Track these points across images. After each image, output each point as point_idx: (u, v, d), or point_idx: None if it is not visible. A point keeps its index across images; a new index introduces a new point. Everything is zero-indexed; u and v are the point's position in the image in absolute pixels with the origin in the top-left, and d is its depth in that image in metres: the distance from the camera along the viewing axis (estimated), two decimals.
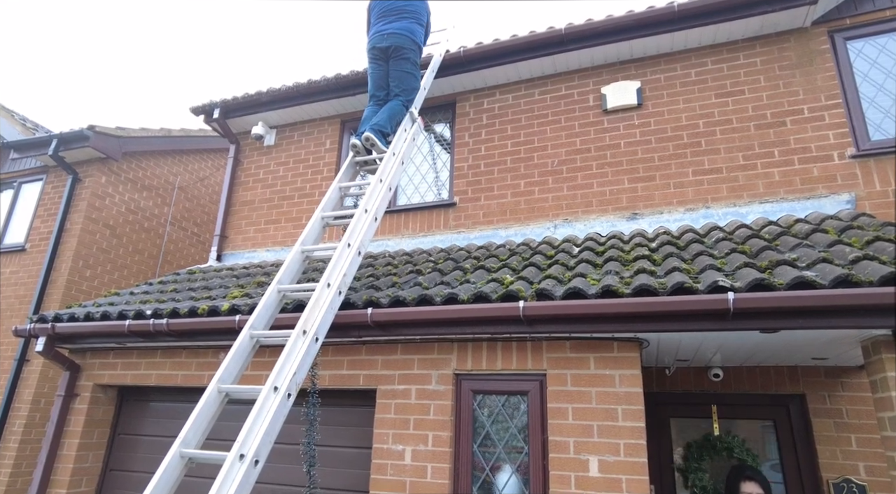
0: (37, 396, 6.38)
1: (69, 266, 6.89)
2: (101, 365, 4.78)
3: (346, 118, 6.40)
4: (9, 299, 7.09)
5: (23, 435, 6.21)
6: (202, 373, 4.33)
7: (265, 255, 6.19)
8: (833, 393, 4.09)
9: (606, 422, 3.17)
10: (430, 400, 3.59)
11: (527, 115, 5.55)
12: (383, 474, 3.53)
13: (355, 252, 3.42)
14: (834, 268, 2.79)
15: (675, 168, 4.84)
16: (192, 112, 6.68)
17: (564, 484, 3.13)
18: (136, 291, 5.32)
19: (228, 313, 3.98)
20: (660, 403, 4.53)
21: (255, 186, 6.59)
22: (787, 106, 4.64)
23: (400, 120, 4.53)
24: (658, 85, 5.15)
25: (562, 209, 5.09)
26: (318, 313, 2.96)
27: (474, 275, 3.89)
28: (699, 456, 4.30)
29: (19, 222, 7.67)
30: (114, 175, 7.58)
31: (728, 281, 2.93)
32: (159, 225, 8.29)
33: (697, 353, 3.91)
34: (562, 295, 3.18)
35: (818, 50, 4.67)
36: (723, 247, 3.63)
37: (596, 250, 4.09)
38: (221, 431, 3.04)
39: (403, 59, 4.64)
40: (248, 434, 2.37)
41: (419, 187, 5.87)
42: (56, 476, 4.50)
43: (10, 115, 8.03)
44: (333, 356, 3.94)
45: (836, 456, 3.94)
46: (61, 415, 4.64)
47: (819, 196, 4.33)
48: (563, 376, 3.35)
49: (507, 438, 3.45)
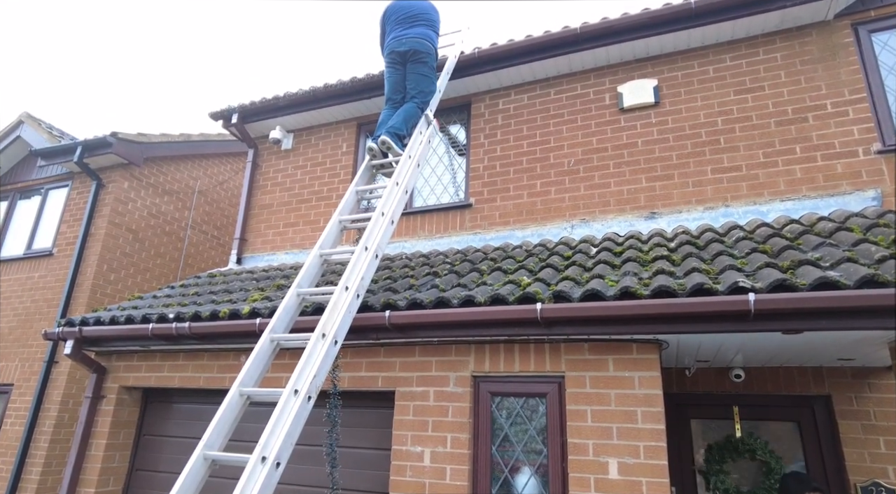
0: (65, 397, 6.54)
1: (94, 270, 7.06)
2: (126, 368, 4.89)
3: (363, 121, 6.45)
4: (38, 303, 7.28)
5: (52, 435, 6.38)
6: (224, 376, 4.40)
7: (284, 258, 6.26)
8: (860, 395, 4.01)
9: (626, 424, 3.14)
10: (449, 402, 3.60)
11: (542, 115, 5.52)
12: (402, 475, 3.55)
13: (372, 255, 3.44)
14: (859, 268, 2.73)
15: (694, 166, 4.78)
16: (211, 117, 6.79)
17: (584, 487, 3.11)
18: (159, 295, 5.42)
19: (249, 316, 4.04)
20: (680, 404, 4.48)
21: (273, 190, 6.67)
22: (808, 101, 4.55)
23: (415, 122, 4.56)
24: (675, 82, 5.09)
25: (578, 209, 5.07)
26: (336, 316, 2.99)
27: (491, 277, 3.89)
28: (721, 458, 4.25)
29: (47, 227, 7.86)
30: (136, 180, 7.74)
31: (749, 281, 2.89)
32: (180, 228, 8.44)
33: (718, 354, 3.86)
34: (579, 297, 3.17)
35: (841, 43, 4.57)
36: (743, 246, 3.58)
37: (614, 250, 4.06)
38: (243, 432, 3.09)
39: (421, 63, 4.73)
40: (269, 437, 2.40)
41: (435, 189, 5.89)
42: (85, 475, 4.62)
43: (38, 124, 8.23)
44: (352, 358, 3.97)
45: (863, 459, 3.86)
46: (89, 416, 4.76)
47: (843, 193, 4.24)
48: (582, 378, 3.34)
49: (526, 440, 3.45)
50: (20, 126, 8.25)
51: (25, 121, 8.25)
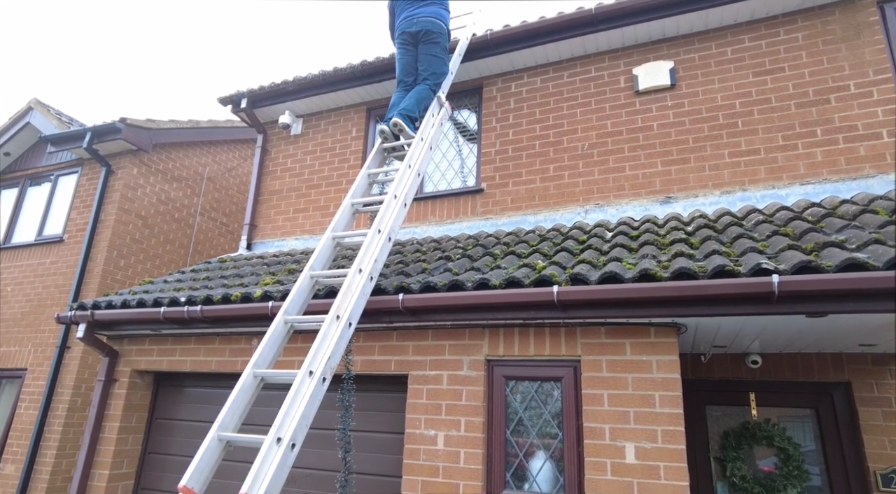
0: (78, 382, 6.59)
1: (104, 256, 7.07)
2: (138, 352, 4.90)
3: (372, 106, 6.38)
4: (49, 289, 7.31)
5: (66, 419, 6.43)
6: (235, 359, 4.39)
7: (294, 244, 6.24)
8: (881, 381, 3.93)
9: (643, 409, 3.10)
10: (462, 386, 3.57)
11: (555, 98, 5.43)
12: (416, 459, 3.53)
13: (385, 238, 3.40)
14: (888, 250, 2.66)
15: (711, 150, 4.69)
16: (220, 102, 6.74)
17: (600, 471, 3.08)
18: (170, 279, 5.42)
19: (261, 299, 4.02)
20: (695, 390, 4.42)
21: (282, 175, 6.63)
22: (831, 82, 4.43)
23: (427, 104, 4.49)
24: (692, 64, 4.98)
25: (593, 193, 4.99)
26: (350, 298, 2.96)
27: (505, 261, 3.84)
28: (737, 445, 4.20)
29: (57, 214, 7.88)
30: (145, 166, 7.72)
31: (772, 263, 2.82)
32: (189, 215, 8.43)
33: (736, 339, 3.80)
34: (597, 279, 3.11)
35: (866, 22, 4.43)
36: (763, 229, 3.50)
37: (630, 234, 4.00)
38: (255, 416, 3.07)
39: (433, 44, 4.63)
40: (284, 418, 2.38)
41: (446, 174, 5.82)
42: (99, 457, 4.65)
43: (47, 110, 8.22)
44: (365, 342, 3.95)
45: (884, 446, 3.80)
46: (102, 400, 4.77)
47: (866, 176, 4.13)
48: (599, 362, 3.29)
49: (541, 424, 3.41)
50: (29, 112, 8.25)
51: (35, 108, 8.24)
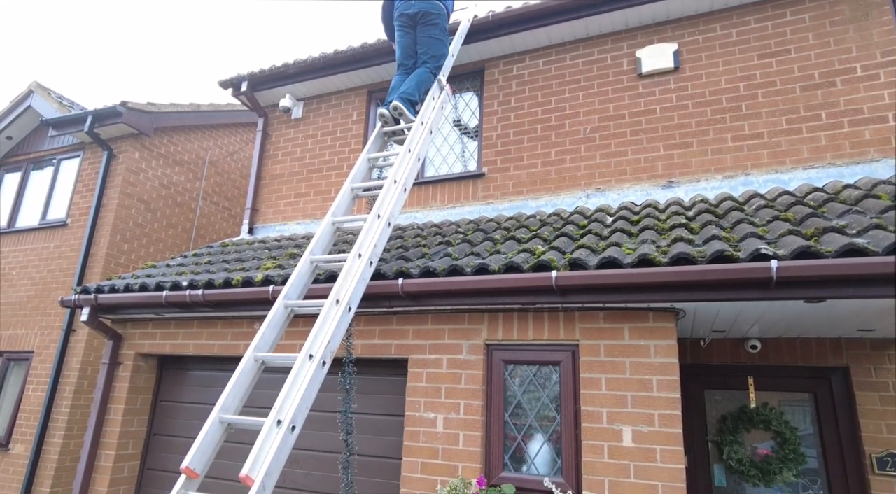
0: (83, 364, 6.67)
1: (108, 240, 7.10)
2: (142, 335, 4.95)
3: (373, 89, 6.33)
4: (54, 272, 7.37)
5: (73, 400, 6.53)
6: (237, 343, 4.43)
7: (296, 228, 6.25)
8: (879, 366, 3.94)
9: (641, 393, 3.12)
10: (462, 370, 3.60)
11: (558, 81, 5.37)
12: (416, 441, 3.58)
13: (385, 222, 3.40)
14: (888, 235, 2.64)
15: (714, 134, 4.65)
16: (221, 85, 6.70)
17: (597, 453, 3.12)
18: (172, 264, 5.45)
19: (262, 284, 4.04)
20: (694, 375, 4.45)
21: (283, 159, 6.61)
22: (837, 65, 4.37)
23: (428, 88, 4.45)
24: (696, 47, 4.91)
25: (594, 178, 4.96)
26: (350, 282, 2.98)
27: (505, 246, 3.84)
28: (735, 429, 4.24)
29: (60, 198, 7.90)
30: (146, 150, 7.71)
31: (771, 248, 2.81)
32: (191, 199, 8.44)
33: (735, 324, 3.81)
34: (596, 264, 3.11)
35: (875, 2, 4.35)
36: (764, 214, 3.48)
37: (630, 219, 3.98)
38: (257, 399, 3.11)
39: (432, 25, 4.55)
40: (284, 401, 2.41)
41: (447, 158, 5.80)
42: (105, 438, 4.73)
43: (48, 94, 8.19)
44: (365, 326, 3.98)
45: (880, 430, 3.82)
46: (107, 382, 4.84)
47: (871, 160, 4.10)
48: (597, 346, 3.31)
49: (539, 408, 3.45)
50: (30, 96, 8.22)
51: (35, 91, 8.22)
